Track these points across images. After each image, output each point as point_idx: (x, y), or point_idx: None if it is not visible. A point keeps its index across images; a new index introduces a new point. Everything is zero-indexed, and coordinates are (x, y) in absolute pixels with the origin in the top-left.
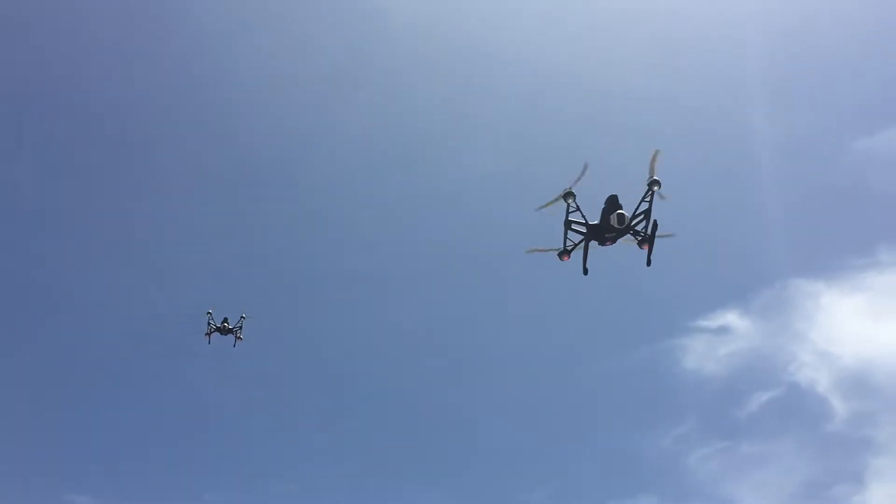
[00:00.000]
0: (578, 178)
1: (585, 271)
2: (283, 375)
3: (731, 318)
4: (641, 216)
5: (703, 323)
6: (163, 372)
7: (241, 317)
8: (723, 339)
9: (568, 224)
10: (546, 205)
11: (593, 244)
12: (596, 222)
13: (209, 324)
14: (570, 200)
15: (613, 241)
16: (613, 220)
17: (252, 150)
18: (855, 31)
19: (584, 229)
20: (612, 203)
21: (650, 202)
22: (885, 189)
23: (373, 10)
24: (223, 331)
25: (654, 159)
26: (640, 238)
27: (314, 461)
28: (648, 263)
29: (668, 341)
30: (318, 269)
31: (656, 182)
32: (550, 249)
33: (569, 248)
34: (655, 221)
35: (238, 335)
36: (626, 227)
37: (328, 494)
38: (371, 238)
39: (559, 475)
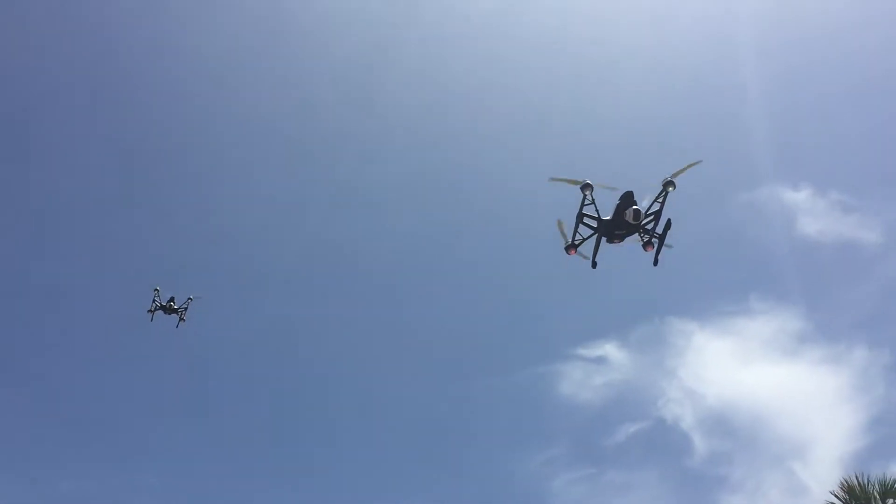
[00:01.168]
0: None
1: (594, 265)
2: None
3: (610, 349)
4: (652, 217)
5: (583, 351)
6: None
7: (189, 298)
8: (599, 368)
9: (580, 217)
10: (560, 179)
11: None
12: (608, 218)
13: (154, 301)
14: (587, 192)
15: (622, 238)
16: (629, 215)
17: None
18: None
19: (594, 224)
20: (628, 199)
21: (662, 203)
22: (760, 241)
23: None
24: (167, 310)
25: (689, 167)
26: (646, 239)
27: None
28: (655, 263)
29: (548, 366)
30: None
31: (671, 183)
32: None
33: (576, 243)
34: (670, 220)
35: (182, 316)
36: (637, 225)
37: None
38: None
39: (426, 489)
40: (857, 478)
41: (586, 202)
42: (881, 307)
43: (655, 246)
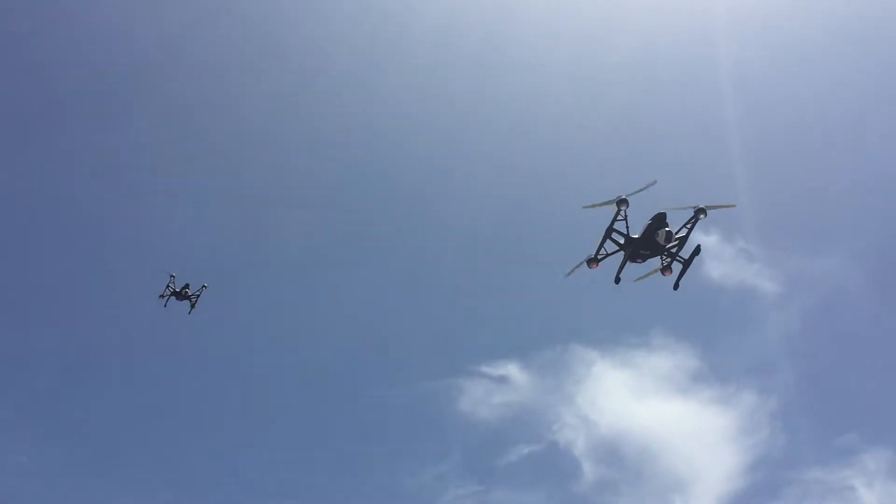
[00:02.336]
0: (639, 190)
1: (618, 280)
2: None
3: (512, 369)
4: (677, 241)
5: (486, 369)
6: None
7: (203, 286)
8: (500, 387)
9: (610, 231)
10: (594, 205)
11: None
12: (637, 236)
13: (168, 286)
14: (622, 207)
15: (644, 259)
16: (661, 236)
17: None
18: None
19: (622, 241)
20: (660, 220)
21: (690, 229)
22: (669, 278)
23: None
24: (180, 296)
25: (726, 206)
26: (666, 263)
27: None
28: (676, 287)
29: (450, 380)
30: None
31: (703, 212)
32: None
33: (599, 257)
34: (699, 247)
35: (193, 303)
36: (664, 247)
37: None
38: None
39: (312, 493)
40: None
41: (619, 217)
42: (773, 355)
43: (679, 269)
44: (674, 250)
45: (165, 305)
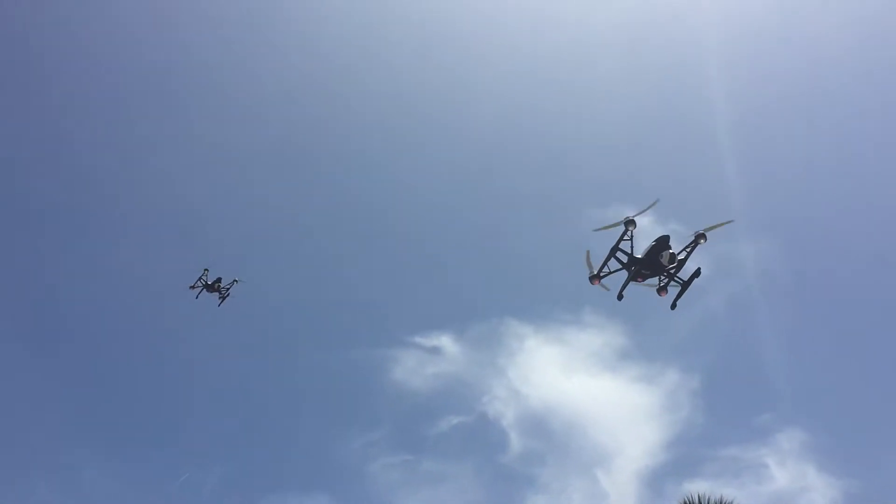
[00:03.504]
0: (645, 210)
1: (621, 297)
2: None
3: (446, 341)
4: (676, 264)
5: (420, 340)
6: None
7: (234, 280)
8: (433, 358)
9: (615, 250)
10: (604, 227)
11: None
12: (640, 256)
13: (201, 279)
14: (630, 228)
15: (644, 278)
16: (665, 257)
17: None
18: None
19: (625, 260)
20: (664, 243)
21: (689, 253)
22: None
23: None
24: (211, 288)
25: (723, 224)
26: (663, 283)
27: None
28: (673, 307)
29: (384, 350)
30: None
31: (703, 236)
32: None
33: (602, 274)
34: (699, 269)
35: (223, 294)
36: (666, 268)
37: None
38: None
39: (241, 458)
40: (697, 496)
41: (625, 237)
42: (697, 336)
43: (678, 290)
44: (673, 271)
45: (197, 297)
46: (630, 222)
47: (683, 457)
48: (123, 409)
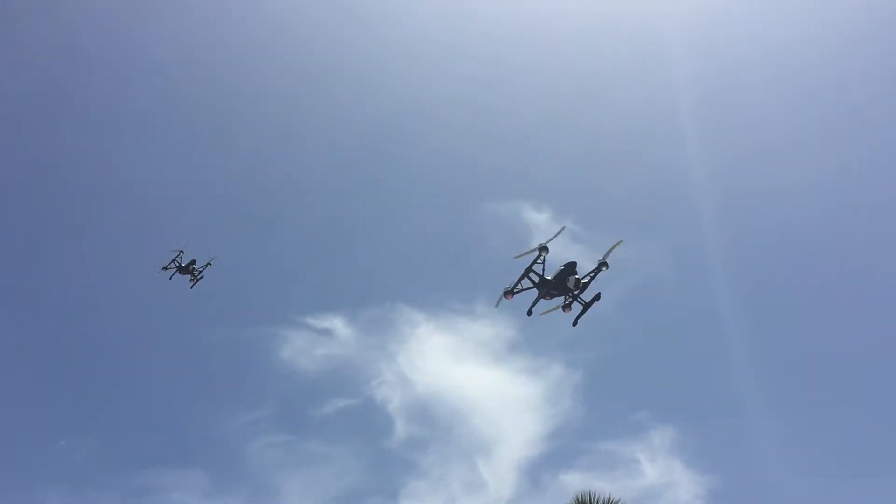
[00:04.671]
0: (552, 238)
1: (530, 313)
2: None
3: (338, 323)
4: (581, 287)
5: (311, 320)
6: None
7: (207, 263)
8: (323, 340)
9: (528, 271)
10: (522, 254)
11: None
12: (549, 278)
13: (174, 261)
14: (543, 254)
15: (551, 297)
16: (571, 282)
17: None
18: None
19: (536, 280)
20: (571, 269)
21: (593, 277)
22: (498, 250)
23: None
24: (183, 270)
25: (614, 248)
26: (568, 302)
27: None
28: (575, 324)
29: (274, 328)
30: None
31: (605, 264)
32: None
33: (516, 291)
34: (600, 294)
35: (196, 277)
36: (571, 291)
37: None
38: None
39: (117, 430)
40: (589, 495)
41: (538, 261)
42: (582, 332)
43: (580, 310)
44: (577, 294)
45: (171, 279)
46: (543, 248)
47: (561, 448)
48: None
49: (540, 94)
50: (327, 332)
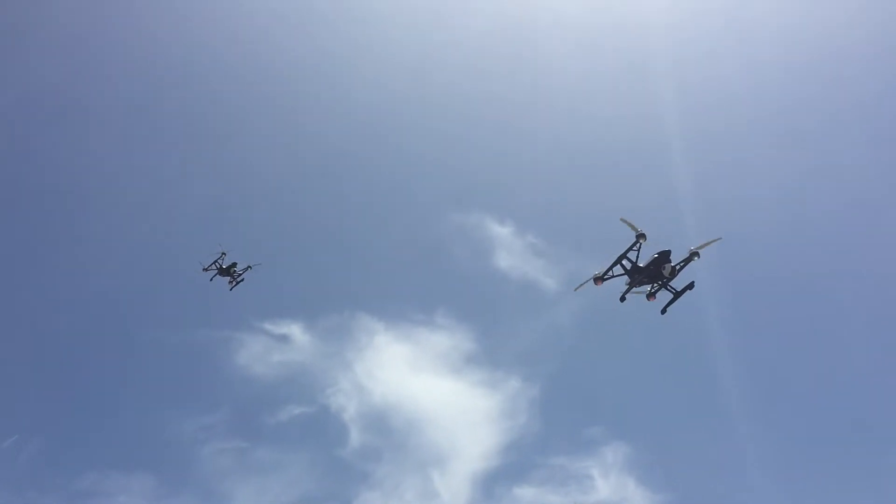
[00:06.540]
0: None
1: (623, 299)
2: None
3: (296, 329)
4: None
5: (269, 326)
6: None
7: (248, 266)
8: (281, 346)
9: (622, 257)
10: (627, 221)
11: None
12: (643, 265)
13: (216, 262)
14: (641, 241)
15: (640, 284)
16: (666, 269)
17: None
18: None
19: (628, 266)
20: (665, 257)
21: (682, 267)
22: (460, 262)
23: None
24: (223, 272)
25: (711, 242)
26: (654, 290)
27: None
28: (664, 312)
29: (230, 332)
30: None
31: (697, 254)
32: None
33: (606, 277)
34: (693, 283)
35: (236, 279)
36: (663, 278)
37: None
38: None
39: (62, 431)
40: None
41: (634, 248)
42: (541, 348)
43: (671, 298)
44: (668, 282)
45: (212, 280)
46: (641, 235)
47: (516, 462)
48: None
49: (514, 105)
50: (285, 339)
